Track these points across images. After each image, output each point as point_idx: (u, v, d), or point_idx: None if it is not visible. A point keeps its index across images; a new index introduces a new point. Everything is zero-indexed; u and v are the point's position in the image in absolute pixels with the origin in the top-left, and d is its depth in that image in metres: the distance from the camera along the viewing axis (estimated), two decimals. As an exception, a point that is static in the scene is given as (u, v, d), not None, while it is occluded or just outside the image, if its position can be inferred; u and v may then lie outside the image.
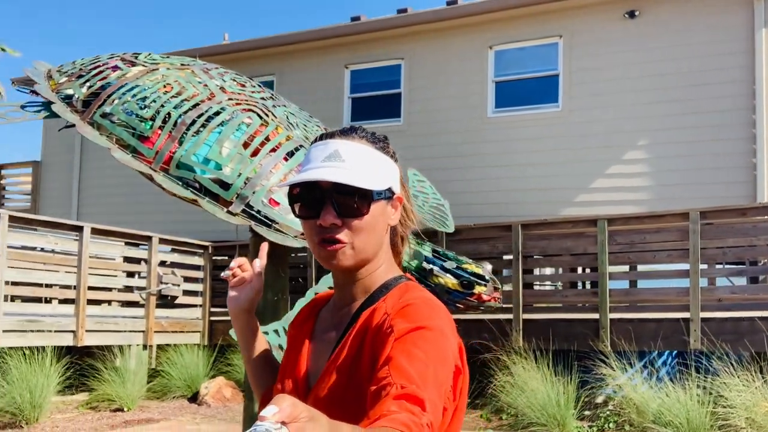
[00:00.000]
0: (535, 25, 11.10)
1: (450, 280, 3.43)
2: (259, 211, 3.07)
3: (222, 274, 1.51)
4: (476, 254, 9.15)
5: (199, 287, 10.61)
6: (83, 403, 8.19)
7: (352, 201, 1.24)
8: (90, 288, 9.02)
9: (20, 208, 15.57)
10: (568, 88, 10.84)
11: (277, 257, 3.58)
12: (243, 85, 3.65)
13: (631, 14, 10.41)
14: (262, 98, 3.59)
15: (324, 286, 3.07)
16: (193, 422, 7.46)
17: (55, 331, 8.26)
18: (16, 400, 6.94)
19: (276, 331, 2.88)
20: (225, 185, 3.09)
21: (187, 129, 3.20)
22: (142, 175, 3.21)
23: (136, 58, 3.59)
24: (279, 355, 3.02)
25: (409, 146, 11.62)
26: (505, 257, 8.95)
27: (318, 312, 1.44)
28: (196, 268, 10.75)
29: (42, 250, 10.56)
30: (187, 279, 10.40)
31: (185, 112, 3.26)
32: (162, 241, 10.13)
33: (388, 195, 1.31)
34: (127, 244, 10.33)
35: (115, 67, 3.54)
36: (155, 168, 3.15)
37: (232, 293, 1.47)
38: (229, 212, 3.10)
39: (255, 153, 3.21)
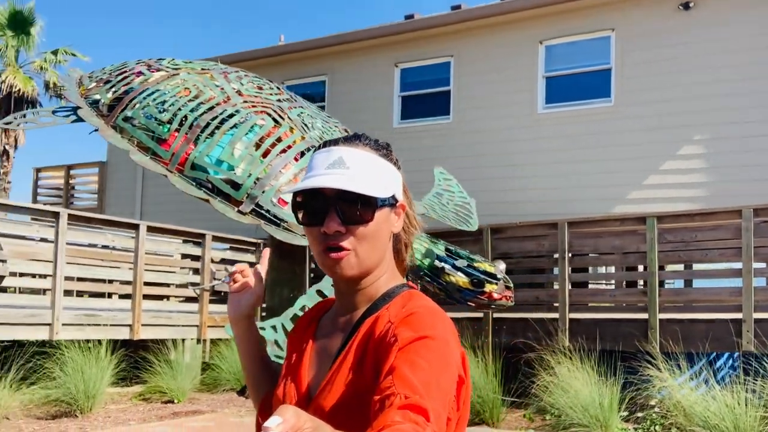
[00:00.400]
0: (586, 18, 10.89)
1: (461, 279, 3.43)
2: (268, 211, 3.15)
3: (222, 279, 1.51)
4: (522, 253, 9.08)
5: (251, 283, 10.81)
6: (137, 395, 8.51)
7: (356, 208, 1.23)
8: (146, 284, 9.36)
9: (88, 207, 16.24)
10: (621, 82, 10.59)
11: (292, 255, 3.65)
12: (260, 88, 3.73)
13: (686, 6, 10.09)
14: (279, 100, 3.66)
15: (314, 292, 3.12)
16: (238, 415, 7.66)
17: (112, 325, 8.61)
18: (72, 390, 7.27)
19: (274, 327, 2.94)
20: (236, 185, 3.18)
21: (202, 131, 3.30)
22: (162, 175, 3.33)
23: (160, 63, 3.72)
24: (274, 351, 3.09)
25: (457, 144, 11.59)
26: (554, 256, 8.83)
27: (320, 319, 1.42)
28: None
29: (105, 247, 11.00)
30: (239, 275, 10.62)
31: (200, 115, 3.36)
32: (216, 238, 10.41)
33: (391, 202, 1.29)
34: (184, 242, 10.65)
35: (139, 73, 3.67)
36: (171, 169, 3.26)
37: (232, 299, 1.46)
38: (239, 211, 3.18)
39: (266, 154, 3.29)
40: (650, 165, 10.25)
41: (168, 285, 10.49)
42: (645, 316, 7.88)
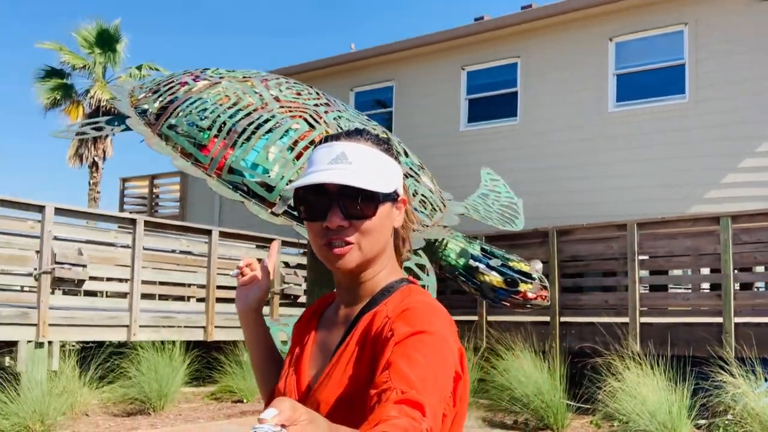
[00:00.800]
0: (657, 13, 10.55)
1: (495, 278, 3.41)
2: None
3: (231, 273, 1.55)
4: (590, 255, 8.87)
5: (320, 287, 11.03)
6: (209, 395, 8.81)
7: (359, 203, 1.24)
8: (219, 287, 9.68)
9: (170, 215, 16.93)
10: (695, 77, 10.19)
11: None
12: (299, 94, 3.83)
13: (763, -4, 9.63)
14: (316, 105, 3.75)
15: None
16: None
17: (186, 327, 8.95)
18: (145, 389, 7.60)
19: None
20: (269, 188, 3.28)
21: (239, 136, 3.42)
22: (202, 179, 3.47)
23: (204, 73, 3.88)
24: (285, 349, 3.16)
25: (525, 145, 11.45)
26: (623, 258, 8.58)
27: (323, 312, 1.43)
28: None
29: (182, 252, 11.44)
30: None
31: (238, 121, 3.48)
32: (285, 243, 10.66)
33: (393, 197, 1.30)
34: (257, 247, 10.95)
35: (184, 83, 3.83)
36: (210, 173, 3.39)
37: (240, 292, 1.47)
38: (272, 213, 3.27)
39: (299, 156, 3.37)
40: (726, 163, 9.82)
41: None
42: (719, 320, 7.55)
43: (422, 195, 4.02)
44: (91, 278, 8.72)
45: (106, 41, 18.57)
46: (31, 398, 6.53)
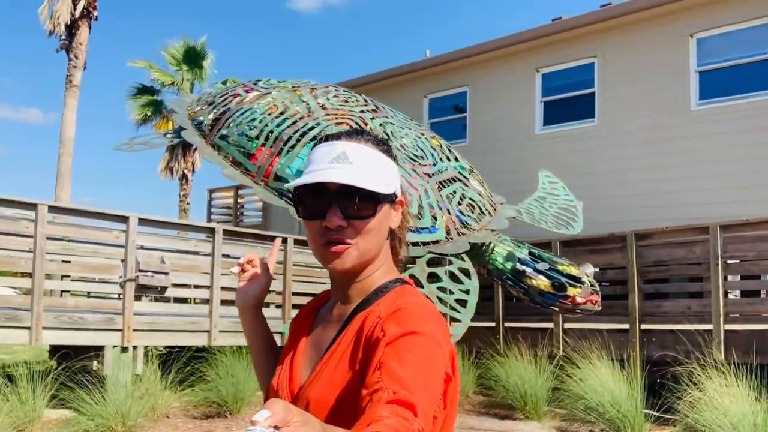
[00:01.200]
0: (741, 6, 10.06)
1: (542, 282, 3.34)
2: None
3: (231, 269, 1.57)
4: (672, 260, 8.53)
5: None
6: (285, 399, 8.98)
7: (359, 203, 1.24)
8: (294, 294, 9.89)
9: (254, 224, 17.43)
10: (785, 71, 9.66)
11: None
12: (345, 101, 3.88)
13: None
14: (362, 111, 3.80)
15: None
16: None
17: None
18: (222, 393, 7.84)
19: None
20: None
21: (284, 144, 3.50)
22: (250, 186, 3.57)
23: (256, 84, 4.00)
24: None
25: (603, 147, 11.15)
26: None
27: (318, 310, 1.44)
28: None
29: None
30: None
31: (283, 130, 3.57)
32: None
33: (392, 198, 1.30)
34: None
35: (237, 94, 3.96)
36: (257, 181, 3.49)
37: (240, 289, 1.48)
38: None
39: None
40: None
41: (313, 294, 10.98)
42: (812, 327, 7.10)
43: (470, 199, 3.99)
44: (174, 285, 9.08)
45: (192, 58, 19.36)
46: (114, 400, 6.85)
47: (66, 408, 7.10)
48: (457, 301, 3.50)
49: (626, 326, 8.52)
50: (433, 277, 3.50)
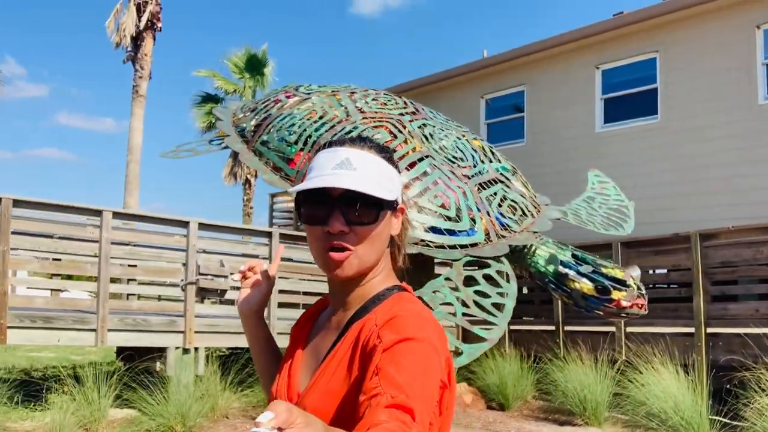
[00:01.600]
0: (813, -7, 9.60)
1: (586, 285, 3.25)
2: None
3: (232, 276, 1.65)
4: (739, 261, 8.20)
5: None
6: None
7: (362, 209, 1.24)
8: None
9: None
10: None
11: (420, 266, 3.73)
12: (384, 104, 3.88)
13: None
14: (401, 114, 3.80)
15: (429, 290, 3.16)
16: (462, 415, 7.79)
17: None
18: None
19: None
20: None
21: (321, 149, 3.52)
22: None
23: (296, 90, 4.04)
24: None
25: (666, 144, 10.82)
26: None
27: (318, 316, 1.44)
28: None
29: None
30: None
31: (321, 134, 3.60)
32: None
33: (394, 205, 1.31)
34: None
35: (278, 100, 4.02)
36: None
37: (242, 295, 1.50)
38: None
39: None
40: None
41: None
42: None
43: (511, 200, 3.91)
44: (233, 288, 9.26)
45: (254, 66, 19.75)
46: (176, 401, 7.03)
47: (130, 408, 7.33)
48: (494, 305, 3.43)
49: (691, 330, 8.23)
50: (470, 280, 3.45)
